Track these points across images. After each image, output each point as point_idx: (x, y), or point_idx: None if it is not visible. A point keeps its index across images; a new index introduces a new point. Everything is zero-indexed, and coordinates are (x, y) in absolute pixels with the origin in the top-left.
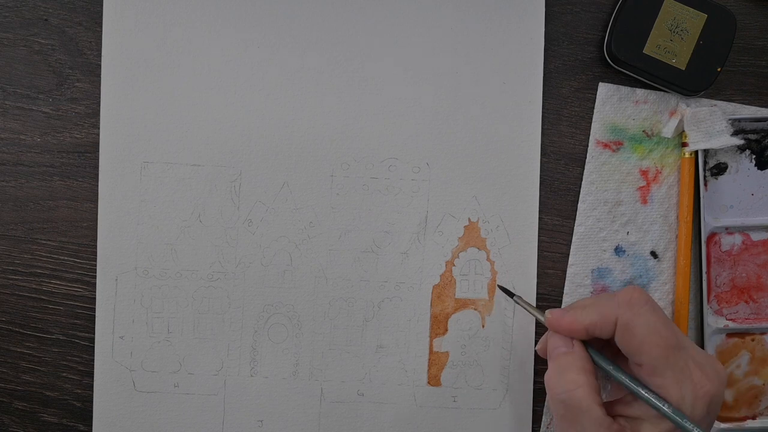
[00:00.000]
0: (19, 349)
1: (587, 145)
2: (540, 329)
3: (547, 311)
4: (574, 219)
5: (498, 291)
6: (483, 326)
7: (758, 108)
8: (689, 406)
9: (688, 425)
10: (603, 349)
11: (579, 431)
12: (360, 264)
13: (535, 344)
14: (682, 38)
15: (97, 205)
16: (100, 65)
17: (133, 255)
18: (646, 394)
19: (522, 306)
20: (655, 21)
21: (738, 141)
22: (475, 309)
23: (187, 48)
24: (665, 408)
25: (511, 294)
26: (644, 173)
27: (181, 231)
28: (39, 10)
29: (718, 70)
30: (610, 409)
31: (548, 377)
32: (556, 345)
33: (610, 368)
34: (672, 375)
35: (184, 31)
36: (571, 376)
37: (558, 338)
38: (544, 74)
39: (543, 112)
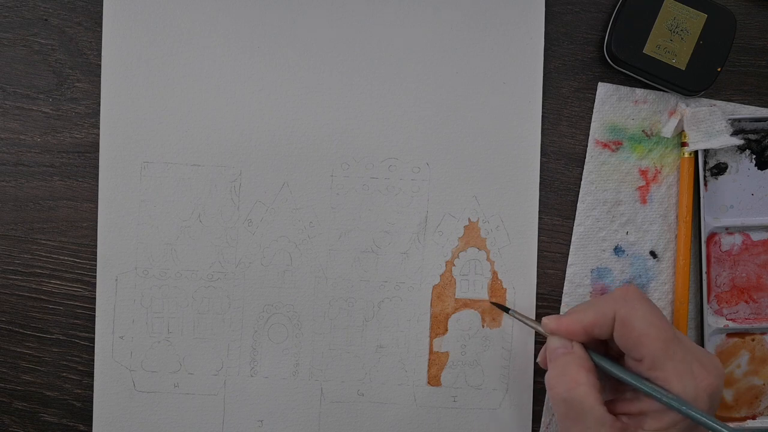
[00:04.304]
0: (19, 349)
1: (587, 145)
2: (540, 343)
3: (543, 318)
4: (574, 219)
5: (497, 290)
6: (483, 326)
7: (758, 108)
8: (692, 397)
9: (696, 413)
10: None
11: (582, 430)
12: (360, 264)
13: (536, 344)
14: (682, 38)
15: (97, 205)
16: (100, 65)
17: (133, 255)
18: (649, 387)
19: (518, 319)
20: (655, 21)
21: (738, 141)
22: (475, 309)
23: (187, 48)
24: (671, 398)
25: (506, 309)
26: (644, 173)
27: (181, 231)
28: (39, 10)
29: (718, 70)
30: (610, 407)
31: (549, 377)
32: (556, 347)
33: (610, 366)
34: (672, 367)
35: (184, 32)
36: (572, 375)
37: (557, 340)
38: (544, 74)
39: (543, 112)
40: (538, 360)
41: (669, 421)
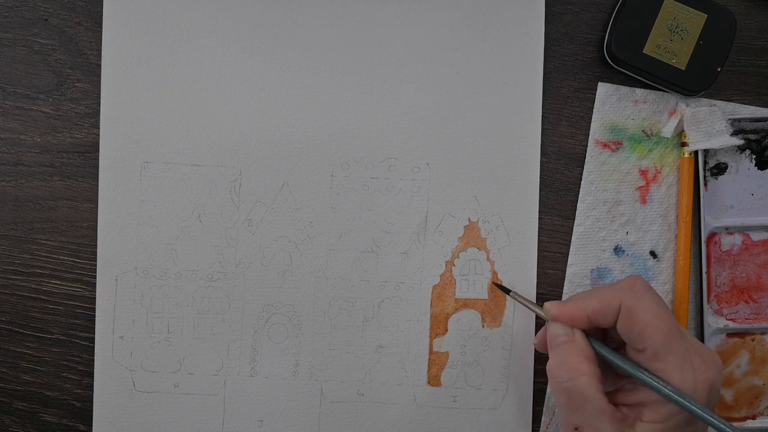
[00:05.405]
0: (19, 349)
1: (587, 145)
2: (540, 326)
3: (545, 303)
4: (574, 219)
5: (497, 291)
6: (483, 326)
7: (758, 108)
8: (691, 390)
9: (692, 405)
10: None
11: (582, 419)
12: (360, 264)
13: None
14: (682, 38)
15: (97, 205)
16: (100, 65)
17: (133, 255)
18: (649, 378)
19: (519, 302)
20: (655, 21)
21: (738, 141)
22: (475, 309)
23: (187, 48)
24: (669, 390)
25: (507, 291)
26: (643, 173)
27: (181, 231)
28: (39, 10)
29: (718, 70)
30: (610, 398)
31: (550, 366)
32: (557, 334)
33: (610, 355)
34: (673, 360)
35: (184, 31)
36: (573, 365)
37: (558, 326)
38: (544, 74)
39: (543, 112)
40: (534, 342)
41: (666, 413)
